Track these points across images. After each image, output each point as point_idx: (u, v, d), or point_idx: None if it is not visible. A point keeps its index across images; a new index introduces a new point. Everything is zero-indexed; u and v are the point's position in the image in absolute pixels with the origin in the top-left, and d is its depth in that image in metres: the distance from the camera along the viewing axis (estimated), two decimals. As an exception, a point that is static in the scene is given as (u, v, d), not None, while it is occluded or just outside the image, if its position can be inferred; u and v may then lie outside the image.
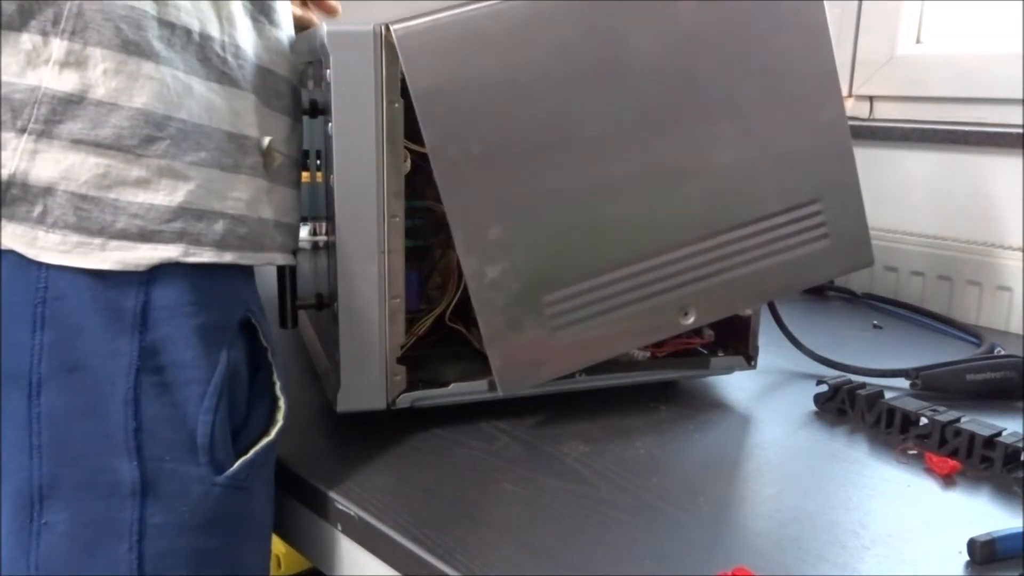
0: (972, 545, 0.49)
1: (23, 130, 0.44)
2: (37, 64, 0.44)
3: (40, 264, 0.45)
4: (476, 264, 0.59)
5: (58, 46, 0.44)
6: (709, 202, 0.63)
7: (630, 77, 0.60)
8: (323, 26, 0.57)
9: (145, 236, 0.46)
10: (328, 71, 0.57)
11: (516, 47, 0.58)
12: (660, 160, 0.61)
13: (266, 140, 0.53)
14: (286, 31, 0.57)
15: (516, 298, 0.60)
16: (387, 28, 0.56)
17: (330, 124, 0.58)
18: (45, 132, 0.44)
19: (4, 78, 0.43)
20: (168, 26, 0.47)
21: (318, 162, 0.65)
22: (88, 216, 0.45)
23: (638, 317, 0.63)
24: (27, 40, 0.44)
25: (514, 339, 0.60)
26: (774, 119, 0.63)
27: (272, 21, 0.56)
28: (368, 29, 0.57)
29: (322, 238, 0.66)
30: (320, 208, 0.65)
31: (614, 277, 0.62)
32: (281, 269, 0.64)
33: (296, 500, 0.59)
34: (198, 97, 0.49)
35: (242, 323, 0.52)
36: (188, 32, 0.48)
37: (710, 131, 0.62)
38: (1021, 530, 0.50)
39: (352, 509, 0.54)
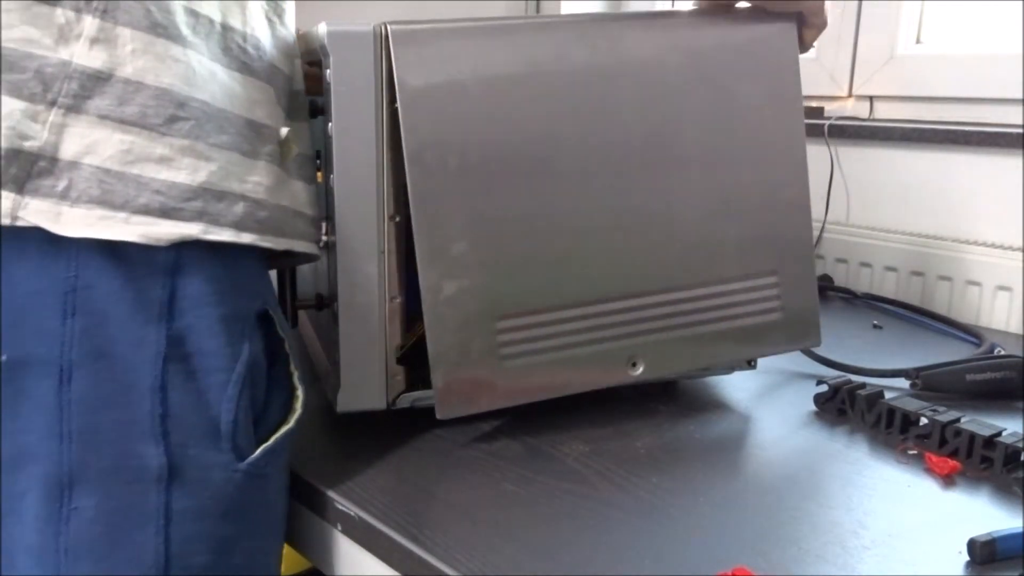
0: (972, 545, 0.49)
1: (53, 103, 0.44)
2: (69, 39, 0.45)
3: (70, 253, 0.46)
4: (434, 277, 0.58)
5: (90, 23, 0.45)
6: (672, 256, 0.63)
7: (613, 120, 0.61)
8: (323, 26, 0.57)
9: (166, 212, 0.46)
10: (328, 71, 0.57)
11: (510, 70, 0.58)
12: (630, 205, 0.62)
13: (284, 130, 0.54)
14: (292, 34, 0.58)
15: (469, 319, 0.59)
16: (387, 28, 0.56)
17: (330, 124, 0.58)
18: (74, 107, 0.45)
19: (38, 51, 0.44)
20: (193, 14, 0.48)
21: (318, 162, 0.65)
22: (111, 190, 0.45)
23: (587, 359, 0.63)
24: (60, 15, 0.45)
25: (461, 362, 0.59)
26: (743, 187, 0.65)
27: (283, 22, 0.56)
28: (368, 29, 0.57)
29: (322, 238, 0.66)
30: (320, 208, 0.64)
31: (570, 315, 0.62)
32: (281, 270, 0.65)
33: (296, 500, 0.59)
34: (220, 83, 0.49)
35: (259, 315, 0.52)
36: (211, 21, 0.49)
37: (682, 186, 0.63)
38: (1021, 530, 0.50)
39: (352, 509, 0.54)
